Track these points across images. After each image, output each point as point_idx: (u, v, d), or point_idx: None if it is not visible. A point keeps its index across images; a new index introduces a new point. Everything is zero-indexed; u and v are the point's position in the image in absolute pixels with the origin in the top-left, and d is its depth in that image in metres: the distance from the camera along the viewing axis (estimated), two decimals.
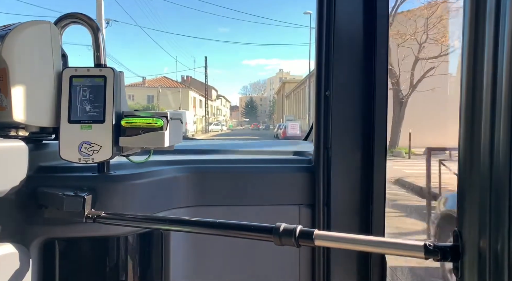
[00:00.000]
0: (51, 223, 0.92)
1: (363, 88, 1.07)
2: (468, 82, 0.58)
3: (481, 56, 0.56)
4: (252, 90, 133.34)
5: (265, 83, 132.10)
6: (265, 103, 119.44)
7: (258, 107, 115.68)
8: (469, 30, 0.58)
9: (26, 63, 0.87)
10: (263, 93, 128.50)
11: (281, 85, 73.84)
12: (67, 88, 0.91)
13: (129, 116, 0.92)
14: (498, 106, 0.53)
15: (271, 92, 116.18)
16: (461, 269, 0.62)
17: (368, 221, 1.08)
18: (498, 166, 0.53)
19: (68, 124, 0.91)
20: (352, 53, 1.07)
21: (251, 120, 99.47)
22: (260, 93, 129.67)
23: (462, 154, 0.60)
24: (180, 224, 0.91)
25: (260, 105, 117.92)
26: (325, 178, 1.09)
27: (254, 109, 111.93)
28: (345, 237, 0.71)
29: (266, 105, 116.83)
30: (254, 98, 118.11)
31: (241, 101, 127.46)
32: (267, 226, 0.76)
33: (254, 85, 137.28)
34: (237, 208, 1.11)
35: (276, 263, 1.13)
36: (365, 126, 1.07)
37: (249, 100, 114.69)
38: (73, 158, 0.91)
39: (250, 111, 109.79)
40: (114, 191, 0.95)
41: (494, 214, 0.55)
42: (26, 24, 0.89)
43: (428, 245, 0.63)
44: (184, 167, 1.11)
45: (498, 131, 0.53)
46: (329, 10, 1.05)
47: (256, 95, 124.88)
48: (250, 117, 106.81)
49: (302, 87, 42.82)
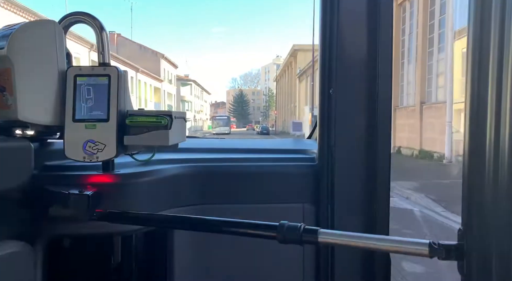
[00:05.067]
0: (56, 221, 0.99)
1: (367, 86, 1.13)
2: (473, 82, 0.62)
3: (487, 56, 0.59)
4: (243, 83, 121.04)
5: (259, 73, 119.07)
6: (258, 98, 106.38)
7: (250, 103, 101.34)
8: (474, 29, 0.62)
9: (30, 62, 0.94)
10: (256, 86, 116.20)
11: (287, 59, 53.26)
12: (72, 87, 0.98)
13: (134, 115, 1.00)
14: (504, 107, 0.56)
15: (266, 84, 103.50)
16: (466, 267, 0.65)
17: (372, 220, 1.14)
18: (503, 165, 0.56)
19: (72, 123, 0.98)
20: (356, 51, 1.14)
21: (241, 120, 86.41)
22: (252, 86, 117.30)
23: (467, 154, 0.64)
24: (184, 222, 0.97)
25: (252, 101, 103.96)
26: (329, 176, 1.15)
27: (245, 105, 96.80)
28: (349, 235, 0.76)
29: (261, 101, 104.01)
30: (245, 92, 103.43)
31: (229, 95, 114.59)
32: (271, 224, 0.82)
33: (245, 76, 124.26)
34: (241, 207, 1.18)
35: (280, 262, 1.21)
36: (369, 124, 1.14)
37: (238, 94, 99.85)
38: (78, 157, 0.97)
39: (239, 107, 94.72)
40: (119, 189, 1.01)
41: (498, 212, 0.58)
42: (31, 24, 0.97)
43: (433, 243, 0.66)
44: (188, 165, 1.18)
45: (503, 131, 0.56)
46: (332, 8, 1.12)
47: (248, 89, 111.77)
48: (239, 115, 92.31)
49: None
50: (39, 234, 0.99)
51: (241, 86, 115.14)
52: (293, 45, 44.68)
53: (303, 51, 42.57)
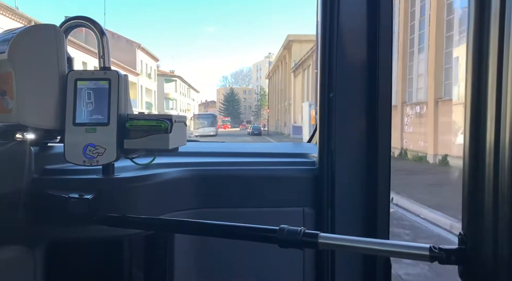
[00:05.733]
0: (56, 225, 1.00)
1: (367, 90, 1.14)
2: (474, 84, 0.63)
3: (486, 58, 0.60)
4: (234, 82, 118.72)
5: (250, 71, 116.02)
6: (250, 97, 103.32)
7: (241, 102, 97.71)
8: (474, 32, 0.62)
9: (31, 66, 0.96)
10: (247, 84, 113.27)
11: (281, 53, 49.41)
12: (72, 91, 0.99)
13: (134, 119, 1.01)
14: (504, 109, 0.56)
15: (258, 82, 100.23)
16: (467, 272, 0.66)
17: (372, 224, 1.14)
18: (503, 168, 0.57)
19: (73, 126, 0.99)
20: (356, 55, 1.15)
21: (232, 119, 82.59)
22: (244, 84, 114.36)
23: (467, 156, 0.65)
24: (185, 226, 0.98)
25: (243, 100, 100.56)
26: (329, 180, 1.16)
27: (236, 104, 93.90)
28: (350, 239, 0.76)
29: (252, 100, 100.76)
30: (236, 91, 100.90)
31: (219, 94, 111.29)
32: (272, 228, 0.83)
33: (236, 75, 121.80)
34: (241, 211, 1.19)
35: (280, 266, 1.21)
36: (369, 128, 1.15)
37: (229, 92, 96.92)
38: (78, 160, 0.98)
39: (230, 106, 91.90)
40: (119, 193, 1.02)
41: (499, 216, 0.58)
42: (32, 28, 0.98)
43: (433, 248, 0.66)
44: (188, 169, 1.18)
45: (503, 133, 0.57)
46: (332, 11, 1.13)
47: (239, 87, 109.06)
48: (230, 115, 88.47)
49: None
50: (39, 238, 1.00)
51: (232, 84, 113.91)
52: (287, 35, 40.98)
53: (299, 42, 38.87)
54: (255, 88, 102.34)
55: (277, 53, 53.88)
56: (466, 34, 0.63)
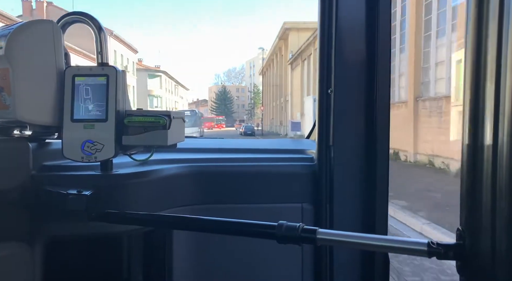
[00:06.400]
0: (55, 222, 1.01)
1: (366, 86, 1.15)
2: (472, 82, 0.64)
3: (485, 57, 0.61)
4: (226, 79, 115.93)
5: (243, 68, 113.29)
6: (243, 95, 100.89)
7: (234, 100, 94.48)
8: (473, 30, 0.64)
9: (28, 62, 0.96)
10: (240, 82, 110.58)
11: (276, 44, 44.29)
12: (70, 87, 1.00)
13: (132, 115, 1.02)
14: (502, 106, 0.57)
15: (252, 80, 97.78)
16: (464, 267, 0.67)
17: (371, 220, 1.16)
18: (501, 164, 0.58)
19: (71, 123, 0.99)
20: (355, 51, 1.16)
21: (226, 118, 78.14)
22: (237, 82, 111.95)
23: (466, 153, 0.66)
24: (183, 222, 0.99)
25: (236, 98, 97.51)
26: (328, 176, 1.17)
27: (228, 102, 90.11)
28: (348, 235, 0.78)
29: (245, 98, 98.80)
30: (229, 88, 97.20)
31: (211, 92, 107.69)
32: (270, 224, 0.84)
33: (229, 72, 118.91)
34: (240, 207, 1.20)
35: (279, 262, 1.23)
36: (368, 124, 1.16)
37: (222, 90, 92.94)
38: (76, 157, 0.99)
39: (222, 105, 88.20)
40: (117, 189, 1.03)
41: (497, 212, 0.59)
42: (29, 23, 0.98)
43: (431, 243, 0.67)
44: (186, 165, 1.19)
45: (501, 130, 0.58)
46: (330, 8, 1.14)
47: (231, 85, 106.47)
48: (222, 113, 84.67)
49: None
50: (37, 234, 1.01)
51: (225, 82, 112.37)
52: (283, 23, 36.42)
53: (296, 30, 34.57)
54: (248, 86, 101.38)
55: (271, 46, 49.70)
56: (465, 33, 0.64)
